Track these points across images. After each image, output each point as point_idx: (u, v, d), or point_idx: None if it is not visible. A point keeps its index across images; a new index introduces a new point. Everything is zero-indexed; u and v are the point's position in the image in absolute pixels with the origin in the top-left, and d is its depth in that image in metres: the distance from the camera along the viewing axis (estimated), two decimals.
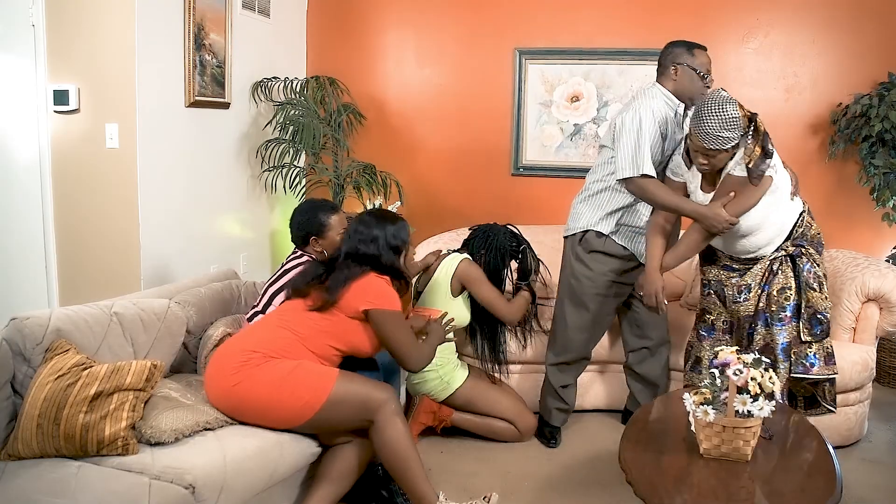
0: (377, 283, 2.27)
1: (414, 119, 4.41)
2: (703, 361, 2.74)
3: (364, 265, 2.29)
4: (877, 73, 3.70)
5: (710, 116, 2.32)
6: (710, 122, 2.32)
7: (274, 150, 3.88)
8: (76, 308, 2.18)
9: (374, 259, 2.31)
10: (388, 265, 2.33)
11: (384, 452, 2.14)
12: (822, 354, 2.54)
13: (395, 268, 2.35)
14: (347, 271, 2.27)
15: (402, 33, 4.38)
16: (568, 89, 4.16)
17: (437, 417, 2.85)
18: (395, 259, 2.36)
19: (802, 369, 2.53)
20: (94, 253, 3.23)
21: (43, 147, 3.21)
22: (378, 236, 2.34)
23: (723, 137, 2.32)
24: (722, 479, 1.79)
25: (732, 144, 2.35)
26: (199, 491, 1.81)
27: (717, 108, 2.32)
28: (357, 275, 2.25)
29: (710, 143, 2.34)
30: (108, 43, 3.09)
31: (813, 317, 2.54)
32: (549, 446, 2.92)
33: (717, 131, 2.31)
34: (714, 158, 2.39)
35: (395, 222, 2.39)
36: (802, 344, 2.54)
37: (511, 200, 4.26)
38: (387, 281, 2.31)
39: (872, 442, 2.95)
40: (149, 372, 2.00)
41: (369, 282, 2.25)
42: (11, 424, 1.94)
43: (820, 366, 2.53)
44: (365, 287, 2.24)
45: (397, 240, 2.36)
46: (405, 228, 2.41)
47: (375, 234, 2.34)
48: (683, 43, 2.72)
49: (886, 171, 3.53)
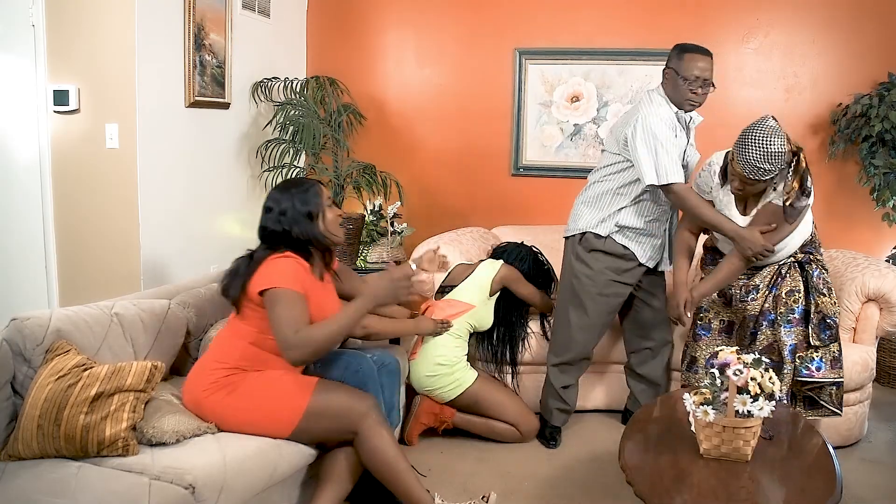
0: (275, 263, 2.09)
1: (414, 119, 4.41)
2: (699, 361, 2.75)
3: (276, 246, 2.13)
4: (877, 73, 3.70)
5: (753, 147, 2.29)
6: (752, 152, 2.29)
7: (274, 151, 3.88)
8: (76, 308, 2.18)
9: (285, 236, 2.14)
10: (305, 237, 2.15)
11: (372, 464, 2.12)
12: (828, 358, 2.55)
13: (313, 238, 2.17)
14: (250, 262, 2.13)
15: (402, 33, 4.38)
16: (568, 89, 4.16)
17: (438, 419, 2.86)
18: (310, 227, 2.16)
19: (807, 373, 2.54)
20: (94, 253, 3.23)
21: (43, 147, 3.21)
22: (286, 208, 2.15)
23: (763, 169, 2.30)
24: (722, 479, 1.79)
25: (771, 177, 2.32)
26: (199, 491, 1.81)
27: (762, 139, 2.29)
28: (259, 261, 2.10)
29: (751, 173, 2.32)
30: (108, 43, 3.09)
31: (822, 321, 2.56)
32: (549, 447, 2.92)
33: (759, 163, 2.29)
34: (751, 186, 2.39)
35: (302, 187, 2.20)
36: (809, 348, 2.55)
37: (511, 200, 4.25)
38: (295, 259, 2.11)
39: (872, 442, 2.96)
40: (149, 373, 2.00)
41: (267, 265, 2.09)
42: (11, 425, 1.94)
43: (826, 370, 2.54)
44: (262, 272, 2.08)
45: (309, 205, 2.16)
46: (315, 190, 2.21)
47: (284, 206, 2.16)
48: (681, 46, 2.69)
49: (886, 171, 3.53)
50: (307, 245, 2.17)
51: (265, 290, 2.03)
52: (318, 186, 2.22)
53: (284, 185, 2.23)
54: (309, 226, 2.15)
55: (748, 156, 2.30)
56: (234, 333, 2.15)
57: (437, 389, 2.84)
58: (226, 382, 2.09)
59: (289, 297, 2.02)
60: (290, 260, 2.10)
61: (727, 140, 3.97)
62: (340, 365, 2.38)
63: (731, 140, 2.46)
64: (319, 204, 2.18)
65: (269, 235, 2.15)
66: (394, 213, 4.02)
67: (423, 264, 2.63)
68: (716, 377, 1.90)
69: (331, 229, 2.21)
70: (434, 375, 2.83)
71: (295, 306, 2.02)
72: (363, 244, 3.94)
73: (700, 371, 2.73)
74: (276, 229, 2.14)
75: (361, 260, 3.88)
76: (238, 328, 2.15)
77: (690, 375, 2.78)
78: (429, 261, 2.66)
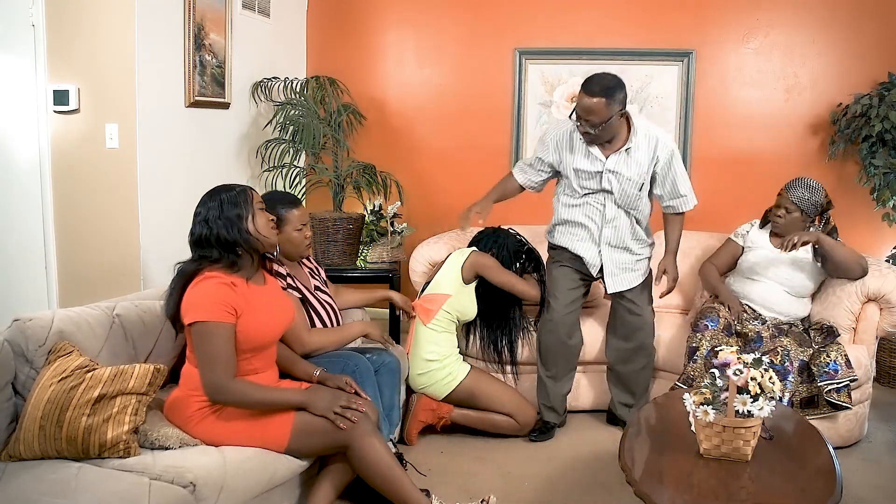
0: (199, 288, 2.01)
1: (414, 119, 4.41)
2: (699, 351, 2.78)
3: (203, 255, 2.06)
4: (877, 73, 3.71)
5: (803, 180, 2.97)
6: (800, 182, 2.96)
7: (274, 151, 3.87)
8: (78, 309, 2.19)
9: (213, 240, 2.05)
10: (232, 239, 2.06)
11: (366, 476, 2.12)
12: (841, 359, 2.68)
13: (242, 240, 2.07)
14: (178, 279, 2.06)
15: (402, 33, 4.38)
16: (568, 89, 4.16)
17: (436, 415, 2.87)
18: (236, 232, 2.06)
19: (828, 377, 2.66)
20: (94, 253, 3.23)
21: (43, 147, 3.20)
22: (213, 211, 2.08)
23: (805, 197, 2.92)
24: (722, 479, 1.80)
25: (802, 206, 2.92)
26: (199, 489, 1.81)
27: (808, 178, 2.99)
28: (185, 277, 2.05)
29: (795, 199, 2.92)
30: (108, 43, 3.09)
31: (819, 332, 2.79)
32: (542, 439, 2.94)
33: (804, 191, 2.93)
34: (790, 214, 2.95)
35: (231, 192, 2.11)
36: (821, 354, 2.69)
37: (511, 200, 4.25)
38: (217, 279, 2.02)
39: (872, 442, 2.96)
40: (151, 376, 1.99)
41: (192, 291, 2.02)
42: (13, 426, 1.94)
43: (843, 370, 2.67)
44: (188, 298, 2.01)
45: (237, 208, 2.08)
46: (245, 194, 2.12)
47: (210, 210, 2.08)
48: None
49: (886, 171, 3.54)
50: (235, 248, 2.08)
51: (192, 322, 1.98)
52: (248, 190, 2.15)
53: (214, 190, 2.16)
54: (236, 228, 2.07)
55: (798, 184, 2.96)
56: (195, 365, 2.06)
57: (432, 386, 2.84)
58: (213, 407, 2.06)
59: (216, 332, 1.96)
60: (212, 281, 2.02)
61: (727, 140, 3.98)
62: (338, 365, 2.38)
63: (731, 139, 2.47)
64: (249, 207, 2.11)
65: (197, 240, 2.08)
66: (394, 213, 4.02)
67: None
68: (716, 377, 1.90)
69: (263, 232, 2.13)
70: (426, 372, 2.83)
71: (223, 345, 1.97)
72: (363, 244, 3.93)
73: (699, 361, 2.76)
74: (203, 232, 2.06)
75: (361, 260, 3.88)
76: (194, 360, 2.06)
77: (689, 366, 2.80)
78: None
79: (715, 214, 3.98)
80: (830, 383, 2.65)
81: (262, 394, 2.06)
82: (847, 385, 2.68)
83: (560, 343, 2.94)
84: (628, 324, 3.00)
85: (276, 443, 2.06)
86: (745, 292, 3.05)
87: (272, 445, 2.06)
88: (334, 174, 3.89)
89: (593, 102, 2.61)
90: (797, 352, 2.75)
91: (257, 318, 2.07)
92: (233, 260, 2.07)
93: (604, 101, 2.61)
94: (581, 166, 2.83)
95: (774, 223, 3.03)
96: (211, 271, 2.04)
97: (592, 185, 2.85)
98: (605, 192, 2.84)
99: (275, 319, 2.16)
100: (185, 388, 2.10)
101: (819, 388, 2.67)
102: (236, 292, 2.04)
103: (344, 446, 2.09)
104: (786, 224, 2.97)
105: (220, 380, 1.97)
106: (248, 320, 2.05)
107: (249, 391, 2.02)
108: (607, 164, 2.79)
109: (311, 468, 2.24)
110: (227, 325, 1.99)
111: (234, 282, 2.05)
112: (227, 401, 2.01)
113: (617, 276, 2.93)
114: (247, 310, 2.05)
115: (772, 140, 3.95)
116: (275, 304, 2.20)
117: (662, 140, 2.81)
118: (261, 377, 2.12)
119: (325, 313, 2.60)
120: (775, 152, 3.95)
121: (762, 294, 3.00)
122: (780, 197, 3.00)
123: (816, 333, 2.88)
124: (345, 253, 3.79)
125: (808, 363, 2.72)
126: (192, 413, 2.06)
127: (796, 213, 2.94)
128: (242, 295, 2.06)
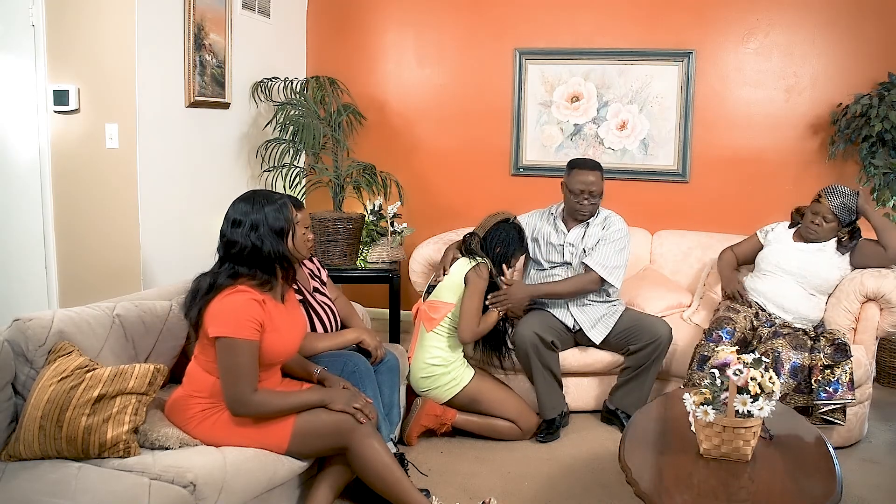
0: (229, 300, 1.98)
1: (414, 119, 4.41)
2: (710, 361, 2.76)
3: (238, 266, 2.03)
4: (877, 73, 3.70)
5: (839, 187, 2.98)
6: (838, 189, 2.96)
7: (274, 151, 3.87)
8: (78, 309, 2.18)
9: (253, 252, 2.02)
10: (274, 254, 2.04)
11: (366, 477, 2.12)
12: (845, 378, 2.64)
13: (281, 256, 2.06)
14: (208, 288, 2.02)
15: (402, 33, 4.38)
16: (568, 89, 4.16)
17: (440, 421, 2.85)
18: (279, 244, 2.06)
19: (826, 395, 2.63)
20: (94, 253, 3.23)
21: (43, 147, 3.20)
22: (258, 223, 2.03)
23: (842, 204, 2.93)
24: (722, 479, 1.80)
25: (840, 215, 2.92)
26: (199, 489, 1.81)
27: (846, 187, 3.00)
28: (220, 290, 2.01)
29: (831, 200, 2.92)
30: (108, 43, 3.09)
31: (831, 344, 2.72)
32: (550, 440, 2.93)
33: (843, 198, 2.93)
34: (827, 224, 2.95)
35: (274, 203, 2.08)
36: (826, 369, 2.65)
37: (511, 200, 4.23)
38: (249, 294, 2.00)
39: (872, 442, 2.95)
40: (151, 376, 1.99)
41: (221, 302, 1.99)
42: (12, 425, 1.94)
43: (843, 390, 2.64)
44: (217, 309, 1.98)
45: (280, 221, 2.06)
46: (286, 206, 2.11)
47: (255, 221, 2.04)
48: (570, 162, 3.15)
49: (886, 172, 3.54)
50: (274, 263, 2.06)
51: (219, 337, 1.96)
52: (290, 203, 2.14)
53: (253, 197, 2.09)
54: (279, 243, 2.06)
55: (836, 192, 2.96)
56: (204, 368, 2.07)
57: (435, 389, 2.84)
58: (215, 409, 2.06)
59: (243, 350, 1.96)
60: (244, 297, 1.99)
61: (727, 139, 3.98)
62: (337, 365, 2.38)
63: (731, 140, 2.47)
64: (291, 221, 2.10)
65: (237, 251, 2.03)
66: (394, 213, 4.02)
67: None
68: (716, 377, 1.90)
69: (299, 248, 2.15)
70: (429, 376, 2.82)
71: (248, 361, 1.97)
72: (363, 244, 3.94)
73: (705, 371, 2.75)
74: (245, 244, 2.02)
75: (361, 260, 3.88)
76: (204, 364, 2.07)
77: (696, 373, 2.80)
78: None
79: (715, 214, 3.99)
80: (826, 403, 2.63)
81: (282, 400, 2.07)
82: (843, 407, 2.67)
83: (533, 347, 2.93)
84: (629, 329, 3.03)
85: (276, 444, 2.06)
86: (758, 289, 3.03)
87: (272, 447, 2.06)
88: (334, 174, 3.89)
89: (596, 175, 3.03)
90: (789, 354, 2.70)
91: (280, 336, 2.08)
92: (267, 279, 2.05)
93: (600, 174, 3.05)
94: (551, 240, 3.13)
95: (810, 231, 2.99)
96: (244, 285, 2.02)
97: (555, 257, 3.11)
98: (567, 264, 3.09)
99: (294, 336, 2.18)
100: (188, 388, 2.10)
101: (814, 406, 2.66)
102: (264, 309, 2.03)
103: (343, 447, 2.09)
104: (822, 232, 2.96)
105: (244, 395, 1.97)
106: (271, 338, 2.05)
107: (270, 400, 2.03)
108: (568, 237, 3.07)
109: (310, 469, 2.24)
110: (253, 343, 1.99)
111: (264, 299, 2.05)
112: (248, 413, 2.01)
113: (597, 327, 3.05)
114: (270, 328, 2.05)
115: (772, 140, 3.94)
116: (294, 319, 2.22)
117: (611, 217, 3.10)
118: (266, 383, 2.11)
119: (324, 314, 2.60)
120: (775, 152, 3.95)
121: (775, 289, 2.98)
122: (818, 205, 2.95)
123: (827, 343, 2.75)
124: (345, 253, 3.79)
125: (802, 368, 2.68)
126: (193, 414, 2.06)
127: (833, 222, 2.93)
128: (269, 312, 2.05)
